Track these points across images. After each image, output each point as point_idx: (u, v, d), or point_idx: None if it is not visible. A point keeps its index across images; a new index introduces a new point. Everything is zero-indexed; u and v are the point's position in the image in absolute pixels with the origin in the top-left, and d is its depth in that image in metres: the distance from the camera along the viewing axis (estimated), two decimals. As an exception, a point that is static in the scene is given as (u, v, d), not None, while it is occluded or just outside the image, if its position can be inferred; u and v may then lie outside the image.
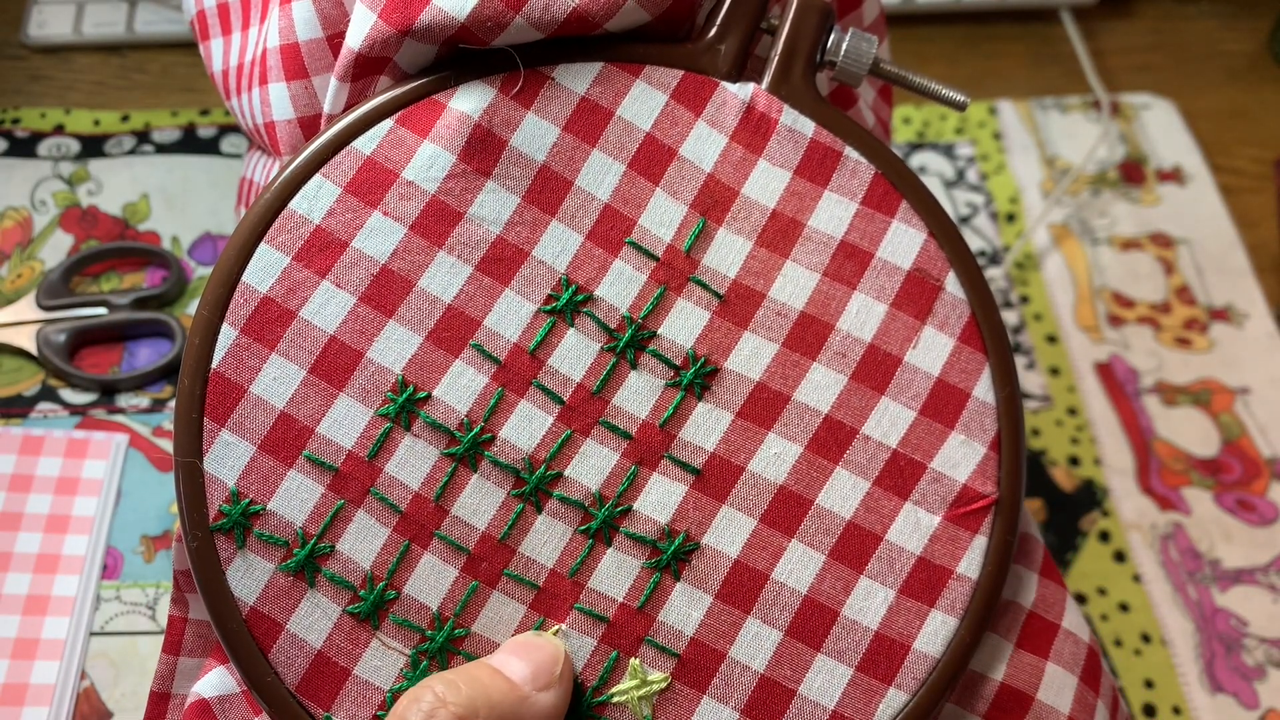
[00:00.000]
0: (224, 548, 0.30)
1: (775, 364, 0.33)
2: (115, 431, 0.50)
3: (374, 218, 0.32)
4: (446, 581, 0.31)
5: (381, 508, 0.31)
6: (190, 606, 0.33)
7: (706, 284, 0.33)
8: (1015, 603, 0.34)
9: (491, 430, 0.32)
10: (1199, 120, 0.65)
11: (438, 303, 0.32)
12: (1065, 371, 0.55)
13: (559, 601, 0.31)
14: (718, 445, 0.32)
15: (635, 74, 0.34)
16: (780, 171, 0.34)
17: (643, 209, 0.33)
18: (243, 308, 0.31)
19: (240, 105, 0.39)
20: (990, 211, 0.60)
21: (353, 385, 0.31)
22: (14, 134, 0.59)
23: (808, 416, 0.33)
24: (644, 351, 0.33)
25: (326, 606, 0.30)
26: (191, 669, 0.34)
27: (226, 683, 0.32)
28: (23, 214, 0.56)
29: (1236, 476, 0.52)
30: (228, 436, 0.31)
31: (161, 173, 0.58)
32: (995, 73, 0.66)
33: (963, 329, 0.34)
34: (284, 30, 0.36)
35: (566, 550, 0.32)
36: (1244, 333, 0.57)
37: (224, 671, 0.32)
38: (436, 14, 0.32)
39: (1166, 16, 0.70)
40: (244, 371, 0.31)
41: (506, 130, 0.33)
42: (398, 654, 0.31)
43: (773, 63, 0.35)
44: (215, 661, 0.32)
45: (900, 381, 0.33)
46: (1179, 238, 0.60)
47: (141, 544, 0.47)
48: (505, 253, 0.32)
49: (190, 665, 0.34)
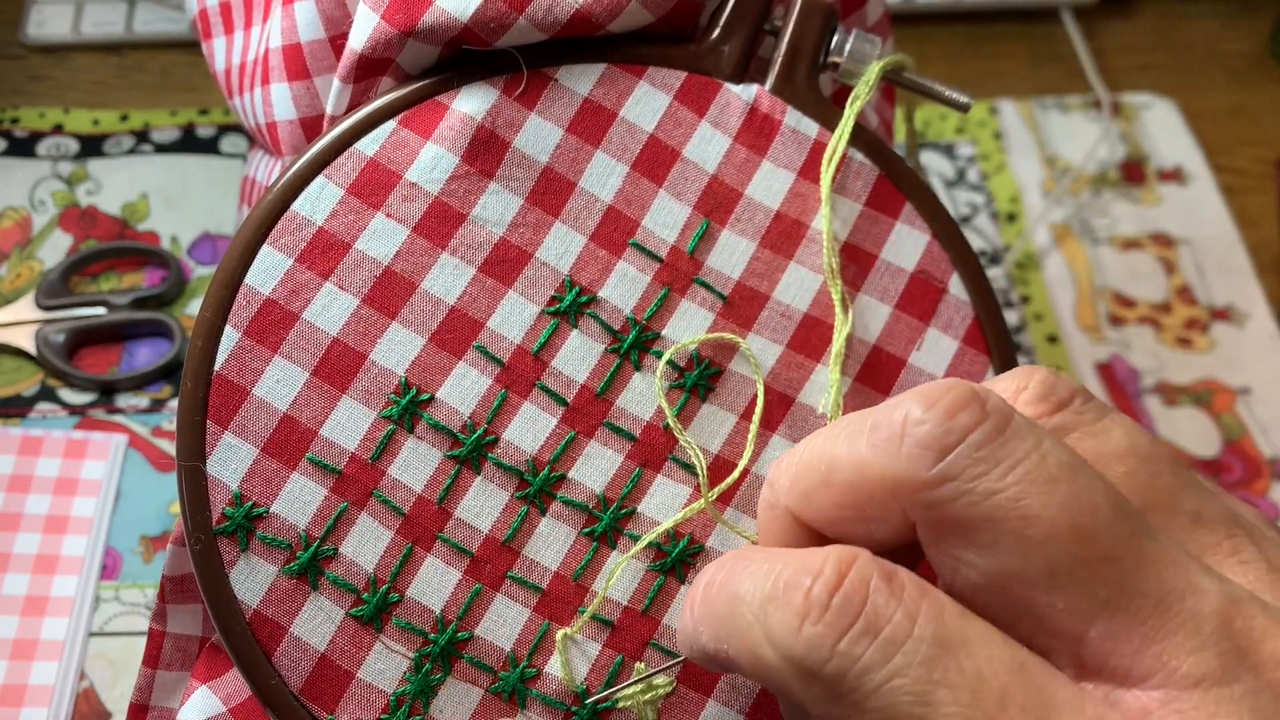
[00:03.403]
0: (227, 551, 0.30)
1: (779, 366, 0.33)
2: (114, 432, 0.50)
3: (377, 219, 0.32)
4: (450, 584, 0.31)
5: (385, 510, 0.31)
6: (170, 619, 0.33)
7: (710, 285, 0.33)
8: None
9: (495, 432, 0.32)
10: (1200, 120, 0.65)
11: (441, 304, 0.32)
12: (1066, 371, 0.55)
13: (563, 605, 0.31)
14: (721, 448, 0.32)
15: (638, 75, 0.34)
16: (784, 173, 0.34)
17: (646, 210, 0.33)
18: (245, 310, 0.31)
19: (242, 104, 0.39)
20: (991, 211, 0.60)
21: (356, 387, 0.31)
22: (13, 134, 0.59)
23: (811, 419, 0.33)
24: (648, 353, 0.33)
25: (330, 609, 0.30)
26: (171, 682, 0.34)
27: (211, 703, 0.31)
28: (21, 214, 0.56)
29: (1237, 477, 0.52)
30: (230, 439, 0.31)
31: (161, 172, 0.58)
32: (996, 72, 0.66)
33: (966, 331, 0.34)
34: (286, 30, 0.35)
35: (570, 553, 0.31)
36: (1245, 333, 0.57)
37: (207, 692, 0.32)
38: (439, 15, 0.32)
39: (1167, 16, 0.70)
40: (247, 374, 0.31)
41: (509, 131, 0.33)
42: (401, 657, 0.31)
43: (776, 64, 0.35)
44: (197, 680, 0.32)
45: (904, 383, 0.33)
46: (1180, 237, 0.60)
47: (140, 544, 0.47)
48: (508, 254, 0.32)
49: (169, 678, 0.34)
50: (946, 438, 0.22)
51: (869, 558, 0.22)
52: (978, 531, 0.22)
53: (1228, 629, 0.21)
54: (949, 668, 0.21)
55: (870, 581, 0.22)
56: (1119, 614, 0.21)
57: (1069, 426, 0.24)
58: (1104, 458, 0.24)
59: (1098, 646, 0.21)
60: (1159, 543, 0.22)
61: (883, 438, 0.23)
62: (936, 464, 0.22)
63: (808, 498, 0.25)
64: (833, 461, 0.24)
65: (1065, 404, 0.25)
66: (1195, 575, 0.21)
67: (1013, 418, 0.22)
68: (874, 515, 0.23)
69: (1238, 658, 0.21)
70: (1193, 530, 0.23)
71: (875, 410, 0.23)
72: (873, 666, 0.21)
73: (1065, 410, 0.24)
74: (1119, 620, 0.21)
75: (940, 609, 0.21)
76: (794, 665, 0.22)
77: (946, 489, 0.22)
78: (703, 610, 0.25)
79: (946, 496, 0.22)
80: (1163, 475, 0.24)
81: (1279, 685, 0.20)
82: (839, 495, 0.24)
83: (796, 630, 0.22)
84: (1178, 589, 0.21)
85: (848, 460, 0.23)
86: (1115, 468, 0.24)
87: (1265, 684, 0.20)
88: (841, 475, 0.24)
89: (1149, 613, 0.21)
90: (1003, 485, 0.21)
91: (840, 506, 0.24)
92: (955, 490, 0.22)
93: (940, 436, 0.22)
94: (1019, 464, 0.21)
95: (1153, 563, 0.21)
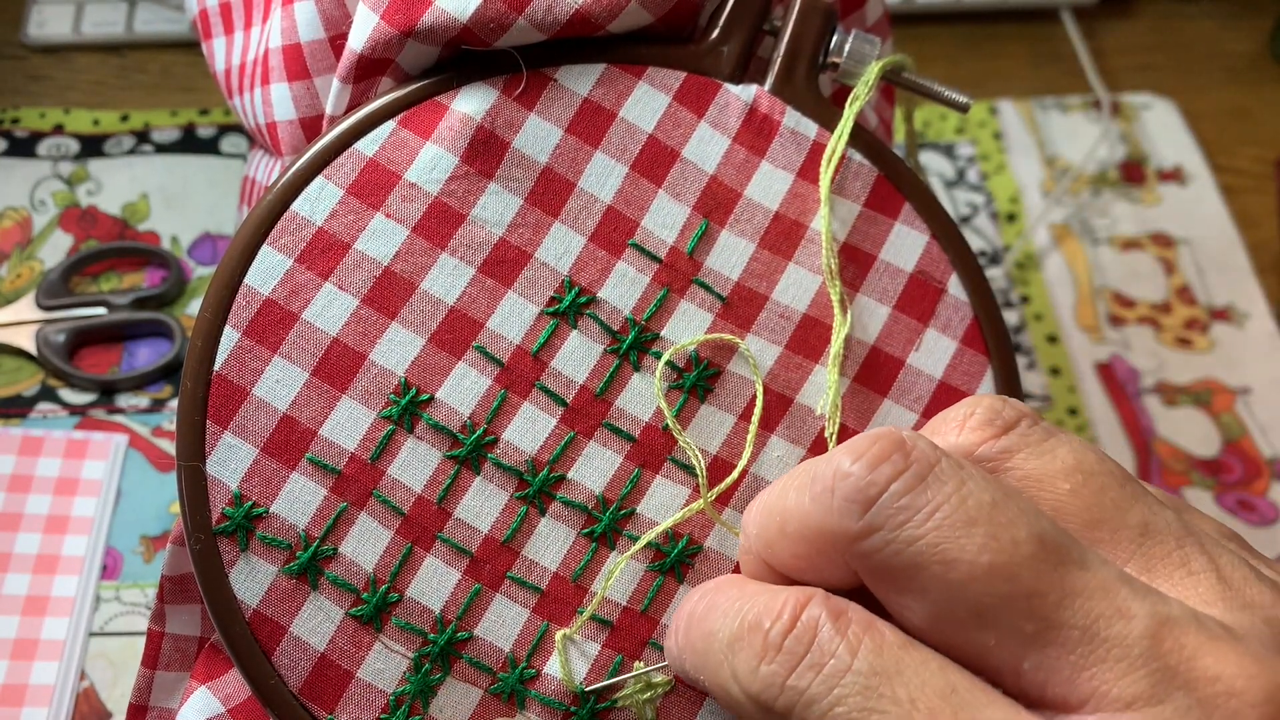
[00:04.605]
0: (227, 550, 0.30)
1: (778, 367, 0.33)
2: (115, 432, 0.50)
3: (376, 219, 0.32)
4: (449, 584, 0.31)
5: (384, 510, 0.31)
6: (169, 620, 0.33)
7: (709, 286, 0.33)
8: None
9: (494, 432, 0.32)
10: (1200, 120, 0.65)
11: (440, 305, 0.32)
12: (1066, 371, 0.55)
13: (562, 605, 0.31)
14: (720, 448, 0.32)
15: (638, 75, 0.34)
16: (783, 173, 0.34)
17: (645, 211, 0.33)
18: (245, 310, 0.31)
19: (242, 104, 0.39)
20: (990, 211, 0.60)
21: (355, 387, 0.31)
22: (13, 134, 0.59)
23: (810, 420, 0.33)
24: (647, 353, 0.33)
25: (329, 609, 0.30)
26: (170, 683, 0.34)
27: (211, 704, 0.31)
28: (22, 214, 0.56)
29: (1237, 477, 0.52)
30: (230, 439, 0.31)
31: (161, 172, 0.58)
32: (995, 73, 0.66)
33: (965, 331, 0.34)
34: (286, 31, 0.35)
35: (570, 553, 0.31)
36: (1245, 333, 0.57)
37: (207, 693, 0.32)
38: (439, 15, 0.32)
39: (1167, 16, 0.70)
40: (246, 374, 0.31)
41: (509, 132, 0.33)
42: (400, 657, 0.31)
43: (775, 64, 0.35)
44: (196, 681, 0.32)
45: (903, 384, 0.33)
46: (1180, 238, 0.60)
47: (141, 544, 0.47)
48: (508, 254, 0.32)
49: (168, 679, 0.34)
50: (870, 489, 0.23)
51: (822, 598, 0.23)
52: (907, 578, 0.23)
53: (1156, 650, 0.21)
54: (884, 695, 0.22)
55: (819, 621, 0.23)
56: (1048, 646, 0.22)
57: (1015, 448, 0.25)
58: (1050, 476, 0.24)
59: (1033, 678, 0.22)
60: (1088, 569, 0.22)
61: (818, 491, 0.24)
62: (863, 515, 0.23)
63: (770, 546, 0.26)
64: (784, 513, 0.25)
65: (1011, 426, 0.25)
66: (1124, 600, 0.22)
67: (936, 463, 0.23)
68: (824, 564, 0.24)
69: (1167, 677, 0.21)
70: (1141, 543, 0.24)
71: (816, 461, 0.24)
72: (817, 698, 0.22)
73: (1011, 433, 0.25)
74: (1049, 652, 0.22)
75: (881, 642, 0.23)
76: (754, 702, 0.23)
77: (874, 539, 0.23)
78: (684, 641, 0.26)
79: (874, 547, 0.23)
80: (1109, 490, 0.24)
81: (1211, 701, 0.21)
82: (793, 545, 0.25)
83: (755, 670, 0.23)
84: (1105, 615, 0.22)
85: (795, 513, 0.25)
86: (1061, 485, 0.24)
87: (1196, 701, 0.21)
88: (792, 527, 0.25)
89: (1077, 642, 0.22)
90: (923, 532, 0.22)
91: (796, 556, 0.25)
92: (882, 540, 0.23)
93: (864, 489, 0.23)
94: (938, 509, 0.22)
95: (1078, 592, 0.22)
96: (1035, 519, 0.23)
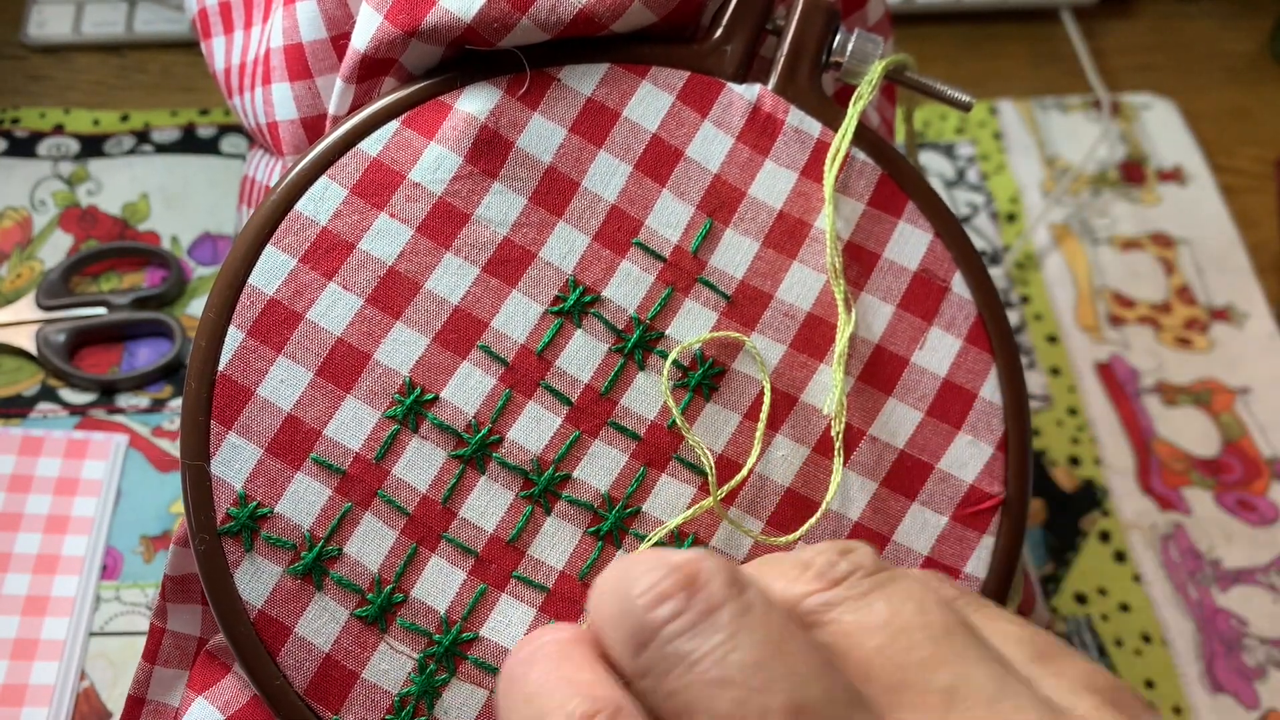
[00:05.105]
0: (231, 551, 0.30)
1: (783, 366, 0.33)
2: (115, 432, 0.50)
3: (380, 219, 0.32)
4: (454, 584, 0.31)
5: (389, 510, 0.31)
6: (170, 618, 0.33)
7: (714, 285, 0.33)
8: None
9: (499, 432, 0.32)
10: (1199, 120, 0.65)
11: (445, 304, 0.32)
12: (1066, 371, 0.55)
13: (568, 604, 0.31)
14: (726, 447, 0.32)
15: (641, 75, 0.34)
16: (787, 172, 0.34)
17: (649, 210, 0.33)
18: (249, 310, 0.31)
19: (242, 104, 0.39)
20: (990, 211, 0.60)
21: (360, 387, 0.31)
22: (13, 134, 0.58)
23: (815, 419, 0.33)
24: (651, 352, 0.33)
25: (334, 609, 0.30)
26: (169, 679, 0.34)
27: (209, 713, 0.31)
28: (22, 214, 0.56)
29: (1237, 476, 0.52)
30: (235, 439, 0.31)
31: (161, 172, 0.58)
32: (995, 73, 0.66)
33: (969, 329, 0.34)
34: (288, 30, 0.35)
35: (576, 552, 0.31)
36: (1244, 333, 0.57)
37: (204, 703, 0.32)
38: (442, 15, 0.32)
39: (1167, 16, 0.70)
40: (251, 374, 0.31)
41: (513, 131, 0.33)
42: (406, 657, 0.31)
43: (778, 64, 0.35)
44: (193, 692, 0.32)
45: (907, 382, 0.33)
46: (1179, 238, 0.60)
47: (141, 544, 0.47)
48: (512, 254, 0.32)
49: (167, 675, 0.34)
50: (643, 633, 0.21)
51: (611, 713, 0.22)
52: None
53: None
54: None
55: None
56: None
57: (834, 602, 0.23)
58: (861, 631, 0.23)
59: None
60: None
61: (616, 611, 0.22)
62: (639, 655, 0.21)
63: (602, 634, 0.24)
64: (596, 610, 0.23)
65: (839, 580, 0.24)
66: None
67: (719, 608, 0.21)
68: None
69: None
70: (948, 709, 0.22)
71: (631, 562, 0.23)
72: None
73: (839, 585, 0.24)
74: None
75: None
76: None
77: (645, 683, 0.21)
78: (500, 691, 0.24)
79: (644, 690, 0.21)
80: (918, 648, 0.23)
81: None
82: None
83: None
84: None
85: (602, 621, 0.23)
86: (867, 643, 0.23)
87: None
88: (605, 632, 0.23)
89: None
90: (680, 686, 0.21)
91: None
92: (650, 686, 0.21)
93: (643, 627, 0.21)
94: (698, 662, 0.21)
95: None
96: (803, 686, 0.21)
